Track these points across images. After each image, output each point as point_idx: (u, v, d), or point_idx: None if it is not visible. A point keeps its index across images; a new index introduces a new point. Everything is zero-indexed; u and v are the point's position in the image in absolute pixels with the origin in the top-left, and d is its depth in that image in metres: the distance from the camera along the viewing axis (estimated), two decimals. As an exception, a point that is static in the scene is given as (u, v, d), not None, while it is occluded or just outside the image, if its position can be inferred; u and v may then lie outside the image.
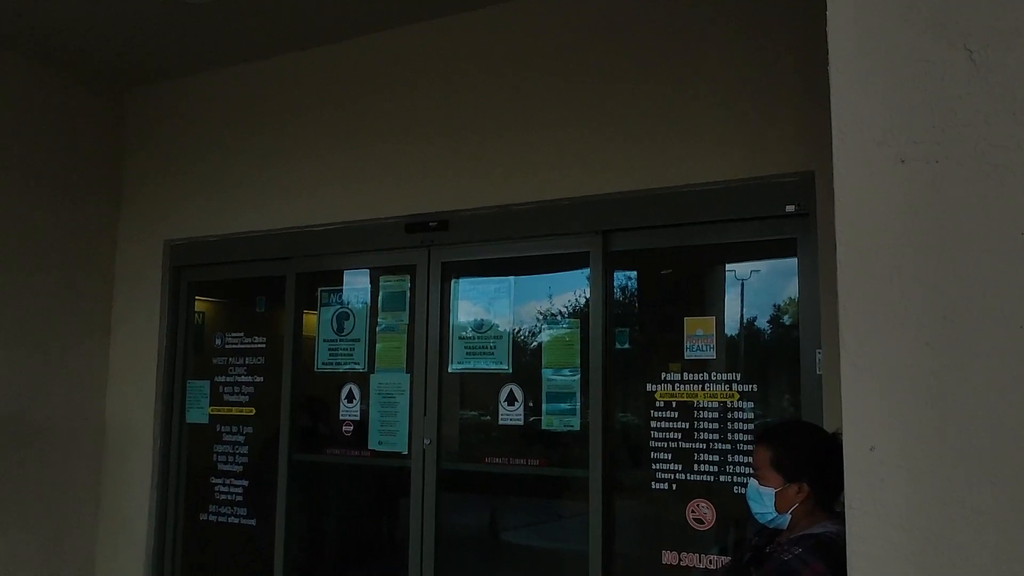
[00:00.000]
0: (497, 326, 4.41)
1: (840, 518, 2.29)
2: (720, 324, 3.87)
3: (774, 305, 3.85)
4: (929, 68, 1.57)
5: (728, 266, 3.99)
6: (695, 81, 3.91)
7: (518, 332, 4.39)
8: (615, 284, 4.16)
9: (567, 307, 4.30)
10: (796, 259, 3.70)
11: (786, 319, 3.80)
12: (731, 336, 3.89)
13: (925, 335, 1.53)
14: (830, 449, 2.37)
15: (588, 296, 4.14)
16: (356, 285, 4.91)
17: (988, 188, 1.51)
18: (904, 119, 1.58)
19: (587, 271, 4.16)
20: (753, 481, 2.53)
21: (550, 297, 4.35)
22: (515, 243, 4.39)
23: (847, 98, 1.64)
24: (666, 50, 3.99)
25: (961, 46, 1.55)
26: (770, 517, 2.46)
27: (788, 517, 2.43)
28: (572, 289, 4.31)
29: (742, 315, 3.91)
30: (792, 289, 3.71)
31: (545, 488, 4.39)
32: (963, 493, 1.48)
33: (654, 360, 4.02)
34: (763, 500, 2.47)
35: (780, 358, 3.80)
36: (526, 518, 4.63)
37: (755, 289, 3.90)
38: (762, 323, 3.89)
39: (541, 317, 4.33)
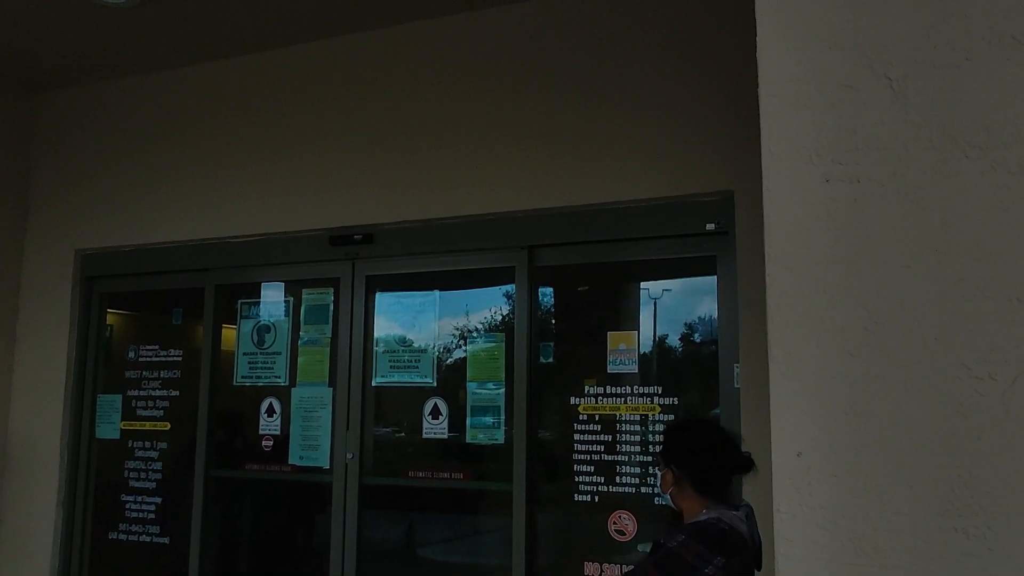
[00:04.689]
0: (422, 340, 4.41)
1: (735, 507, 2.46)
2: (642, 339, 3.96)
3: (694, 320, 3.96)
4: (853, 94, 1.67)
5: (650, 282, 4.09)
6: (619, 102, 4.00)
7: (443, 346, 4.40)
8: (539, 299, 4.21)
9: (492, 321, 4.33)
10: (716, 276, 3.81)
11: (706, 334, 3.91)
12: (653, 350, 3.98)
13: (848, 346, 1.62)
14: (708, 441, 2.58)
15: (513, 310, 4.18)
16: (277, 298, 4.84)
17: (906, 208, 1.61)
18: (829, 141, 1.67)
19: (512, 286, 4.20)
20: None
21: (475, 311, 4.37)
22: (440, 257, 4.40)
23: (776, 119, 1.72)
24: (591, 71, 4.08)
25: (882, 75, 1.65)
26: (664, 500, 2.62)
27: (669, 499, 2.59)
28: (497, 303, 4.35)
29: (663, 330, 4.01)
30: (712, 305, 3.82)
31: (469, 502, 4.40)
32: (882, 496, 1.57)
33: (577, 374, 4.08)
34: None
35: (700, 372, 3.91)
36: (449, 532, 4.62)
37: (676, 305, 4.01)
38: (683, 338, 4.00)
39: (466, 331, 4.34)
